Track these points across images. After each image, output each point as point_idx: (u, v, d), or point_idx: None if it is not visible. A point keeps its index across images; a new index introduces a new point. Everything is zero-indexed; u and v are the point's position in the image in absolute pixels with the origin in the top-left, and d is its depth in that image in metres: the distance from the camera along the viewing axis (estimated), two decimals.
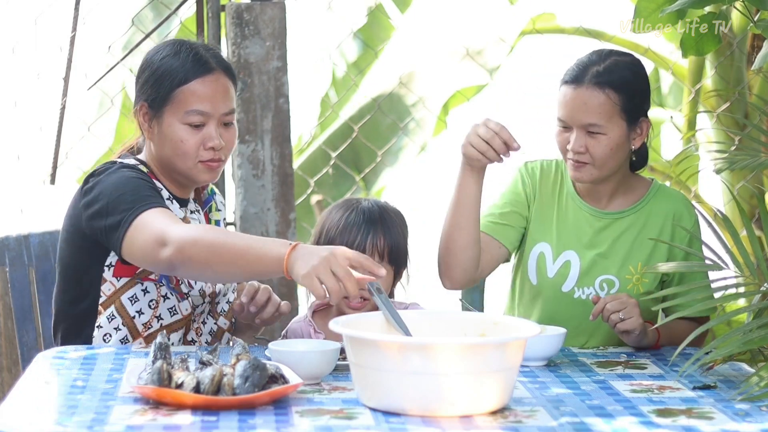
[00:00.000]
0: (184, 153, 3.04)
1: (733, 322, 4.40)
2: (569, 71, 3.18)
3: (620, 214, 3.23)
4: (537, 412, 2.48)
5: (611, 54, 3.19)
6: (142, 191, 2.97)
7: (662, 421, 2.43)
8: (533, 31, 5.62)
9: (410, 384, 2.41)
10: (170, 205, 3.06)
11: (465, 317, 2.78)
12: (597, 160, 3.14)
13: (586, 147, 3.13)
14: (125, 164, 3.07)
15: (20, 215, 4.93)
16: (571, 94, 3.14)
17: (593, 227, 3.23)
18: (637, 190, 3.26)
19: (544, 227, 3.25)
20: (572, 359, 2.99)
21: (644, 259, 3.20)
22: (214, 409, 2.44)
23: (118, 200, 2.95)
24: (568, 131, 3.15)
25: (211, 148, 3.04)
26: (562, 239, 3.23)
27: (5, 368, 3.50)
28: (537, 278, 3.25)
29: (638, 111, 3.17)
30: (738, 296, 2.84)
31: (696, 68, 5.29)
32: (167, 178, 3.12)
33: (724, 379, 2.77)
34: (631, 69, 3.17)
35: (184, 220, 3.10)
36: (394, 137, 5.77)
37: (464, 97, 5.88)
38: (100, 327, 3.07)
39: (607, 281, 3.20)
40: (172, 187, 3.13)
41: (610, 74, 3.13)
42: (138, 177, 3.01)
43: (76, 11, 4.44)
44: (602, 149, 3.13)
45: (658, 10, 3.10)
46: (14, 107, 5.04)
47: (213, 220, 3.25)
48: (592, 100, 3.12)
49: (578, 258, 3.22)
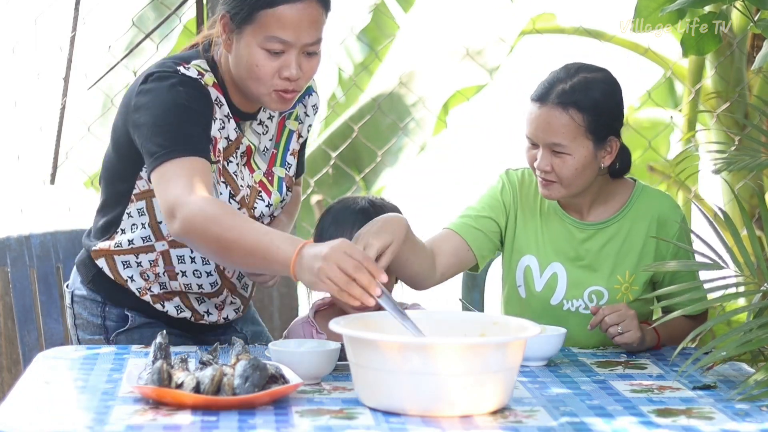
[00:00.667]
0: (258, 78, 2.89)
1: (733, 322, 4.40)
2: (537, 87, 3.11)
3: (603, 224, 3.18)
4: (537, 412, 2.48)
5: (580, 70, 3.10)
6: (186, 128, 2.86)
7: (662, 421, 2.43)
8: (533, 31, 5.62)
9: (410, 384, 2.41)
10: (226, 123, 2.97)
11: (465, 317, 2.78)
12: (563, 180, 3.08)
13: (551, 166, 3.07)
14: (186, 77, 2.93)
15: (20, 215, 4.93)
16: (536, 113, 3.07)
17: (577, 239, 3.18)
18: (619, 197, 3.21)
19: (529, 240, 3.21)
20: (572, 359, 2.99)
21: (632, 267, 3.16)
22: (214, 409, 2.44)
23: (160, 129, 2.87)
24: (536, 148, 3.10)
25: (287, 78, 2.89)
26: (548, 252, 3.19)
27: (5, 368, 3.51)
28: (525, 292, 3.21)
29: (606, 130, 3.08)
30: (738, 296, 2.84)
31: (696, 68, 5.29)
32: (236, 91, 2.99)
33: (724, 379, 2.77)
34: (600, 88, 3.08)
35: (236, 140, 3.00)
36: (394, 137, 5.77)
37: (464, 96, 5.88)
38: (130, 215, 3.05)
39: (595, 293, 3.17)
40: (239, 100, 3.00)
41: (575, 93, 3.05)
42: (190, 103, 2.90)
43: (76, 11, 4.44)
44: (568, 169, 3.07)
45: (659, 10, 3.10)
46: (14, 107, 5.04)
47: (287, 129, 3.14)
48: (555, 120, 3.05)
49: (565, 270, 3.18)
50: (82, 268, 3.17)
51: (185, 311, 3.12)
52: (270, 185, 3.10)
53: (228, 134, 3.00)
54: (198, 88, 2.94)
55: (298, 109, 3.16)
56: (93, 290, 3.14)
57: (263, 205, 3.07)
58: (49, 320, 3.52)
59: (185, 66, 2.96)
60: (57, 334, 3.51)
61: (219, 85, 2.99)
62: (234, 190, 3.01)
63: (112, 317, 3.14)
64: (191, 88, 2.93)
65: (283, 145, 3.15)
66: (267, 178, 3.10)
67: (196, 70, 2.97)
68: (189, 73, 2.95)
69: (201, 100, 2.94)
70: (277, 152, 3.14)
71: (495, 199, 3.23)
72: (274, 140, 3.13)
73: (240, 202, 3.02)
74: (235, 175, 3.02)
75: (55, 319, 3.52)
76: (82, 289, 3.16)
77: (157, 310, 3.12)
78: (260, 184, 3.08)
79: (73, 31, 4.43)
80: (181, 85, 2.92)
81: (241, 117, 3.04)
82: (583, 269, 3.17)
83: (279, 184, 3.12)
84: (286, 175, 3.14)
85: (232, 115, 3.00)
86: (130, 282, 3.09)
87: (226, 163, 3.00)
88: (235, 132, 3.01)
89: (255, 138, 3.08)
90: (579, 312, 3.16)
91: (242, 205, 3.03)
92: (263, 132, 3.10)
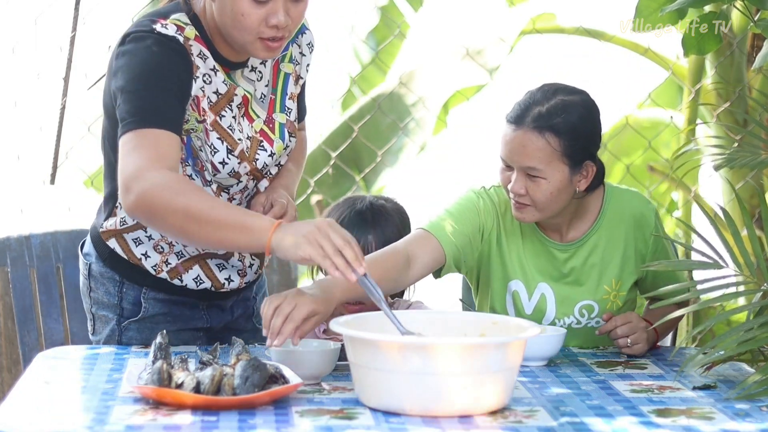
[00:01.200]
0: (244, 28, 2.81)
1: (733, 322, 4.40)
2: (513, 108, 3.04)
3: (582, 240, 3.15)
4: (537, 412, 2.48)
5: (558, 92, 3.03)
6: (157, 97, 2.81)
7: (662, 421, 2.43)
8: (533, 31, 5.61)
9: (410, 384, 2.41)
10: (213, 77, 2.90)
11: (465, 317, 2.78)
12: (537, 204, 3.03)
13: (526, 189, 3.02)
14: (161, 36, 2.85)
15: (20, 215, 4.93)
16: (511, 135, 3.01)
17: (559, 259, 3.15)
18: (593, 207, 3.16)
19: (513, 264, 3.16)
20: (572, 359, 2.99)
21: (616, 273, 3.15)
22: (214, 409, 2.44)
23: (130, 96, 2.82)
24: (510, 170, 3.04)
25: (275, 26, 2.80)
26: (533, 274, 3.15)
27: (5, 368, 3.50)
28: (515, 316, 3.15)
29: (582, 154, 3.02)
30: (737, 295, 2.84)
31: (696, 68, 5.28)
32: (222, 41, 2.91)
33: (724, 379, 2.77)
34: (577, 111, 3.01)
35: (228, 93, 2.92)
36: (394, 137, 5.77)
37: (464, 96, 5.88)
38: None
39: (585, 307, 3.15)
40: (226, 50, 2.92)
41: (552, 117, 2.98)
42: (163, 67, 2.83)
43: (76, 11, 4.44)
44: (542, 193, 3.01)
45: (659, 10, 3.09)
46: (14, 107, 5.04)
47: (282, 72, 3.05)
48: (530, 143, 2.99)
49: (552, 290, 3.15)
50: (98, 245, 3.10)
51: (204, 282, 3.08)
52: (271, 133, 3.02)
53: (216, 88, 2.92)
54: (173, 48, 2.86)
55: (292, 49, 3.06)
56: (110, 268, 3.09)
57: (265, 155, 3.00)
58: (49, 320, 3.52)
59: (162, 23, 2.88)
60: (57, 334, 3.51)
61: (202, 38, 2.91)
62: (231, 144, 2.94)
63: (129, 298, 3.09)
64: (166, 48, 2.86)
65: (281, 89, 3.06)
66: (268, 125, 3.02)
67: (174, 25, 2.89)
68: (165, 31, 2.87)
69: (176, 60, 2.86)
70: (275, 98, 3.05)
71: (473, 216, 3.15)
72: (270, 85, 3.04)
73: (239, 156, 2.95)
74: (231, 129, 2.94)
75: (55, 319, 3.52)
76: (100, 265, 3.10)
77: (175, 287, 3.07)
78: (261, 133, 3.01)
79: (73, 31, 4.43)
80: (156, 46, 2.85)
81: (230, 67, 2.96)
82: (570, 285, 3.15)
83: (281, 130, 3.04)
84: (287, 120, 3.06)
85: (220, 67, 2.93)
86: (145, 260, 3.04)
87: (219, 118, 2.93)
88: (225, 84, 2.94)
89: (249, 86, 3.00)
90: (572, 328, 3.15)
91: (242, 159, 2.95)
92: (258, 78, 3.01)
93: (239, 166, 2.96)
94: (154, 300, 3.10)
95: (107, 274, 3.10)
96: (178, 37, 2.87)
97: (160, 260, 3.05)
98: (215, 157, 2.93)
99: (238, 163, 2.96)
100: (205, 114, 2.92)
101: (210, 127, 2.92)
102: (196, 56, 2.90)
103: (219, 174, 2.95)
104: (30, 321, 3.51)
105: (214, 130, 2.93)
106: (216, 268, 3.09)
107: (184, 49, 2.87)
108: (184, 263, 3.06)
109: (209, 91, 2.92)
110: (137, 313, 3.10)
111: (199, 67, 2.90)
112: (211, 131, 2.93)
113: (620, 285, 3.15)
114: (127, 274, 3.09)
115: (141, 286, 3.09)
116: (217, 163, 2.93)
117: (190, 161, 2.96)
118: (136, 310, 3.10)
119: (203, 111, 2.91)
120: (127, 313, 3.11)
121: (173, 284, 3.08)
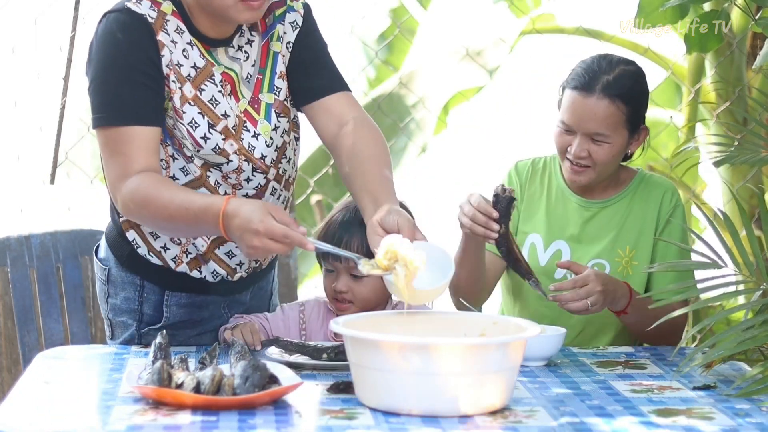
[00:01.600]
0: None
1: (732, 321, 4.40)
2: (577, 76, 3.20)
3: (606, 202, 3.30)
4: (537, 412, 2.48)
5: (620, 63, 3.21)
6: (121, 89, 2.83)
7: (662, 421, 2.43)
8: (533, 31, 5.62)
9: (410, 384, 2.41)
10: (189, 51, 2.89)
11: (465, 317, 2.78)
12: (598, 165, 3.21)
13: (588, 152, 3.19)
14: (130, 15, 2.84)
15: (20, 215, 4.93)
16: (580, 102, 3.17)
17: (582, 217, 3.29)
18: (624, 178, 3.34)
19: (534, 220, 3.31)
20: (572, 359, 2.99)
21: (632, 243, 3.27)
22: (214, 409, 2.44)
23: (96, 89, 2.87)
24: (571, 135, 3.20)
25: None
26: (552, 230, 3.30)
27: (5, 368, 3.51)
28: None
29: (640, 120, 3.23)
30: (736, 294, 2.84)
31: (696, 68, 5.29)
32: (202, 15, 2.88)
33: (724, 378, 2.77)
34: (637, 80, 3.21)
35: (205, 69, 2.90)
36: (395, 137, 5.77)
37: (464, 97, 5.88)
38: None
39: (597, 265, 3.26)
40: (207, 25, 2.89)
41: (621, 86, 3.17)
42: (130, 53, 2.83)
43: (76, 11, 4.44)
44: (605, 155, 3.19)
45: (661, 7, 3.10)
46: (14, 107, 5.04)
47: (272, 51, 3.00)
48: (601, 110, 3.16)
49: (568, 248, 3.28)
50: (116, 246, 3.10)
51: (221, 273, 3.08)
52: (256, 113, 2.98)
53: (194, 62, 2.91)
54: (138, 27, 2.85)
55: (279, 28, 3.01)
56: (130, 271, 3.09)
57: (249, 136, 2.96)
58: (49, 320, 3.52)
59: (128, 3, 2.87)
60: (57, 334, 3.52)
61: (179, 13, 2.90)
62: (212, 119, 2.91)
63: (150, 302, 3.09)
64: (132, 30, 2.84)
65: (270, 69, 3.01)
66: (253, 106, 2.98)
67: (149, 1, 2.88)
68: (137, 9, 2.86)
69: (145, 42, 2.85)
70: (263, 77, 3.01)
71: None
72: (258, 65, 3.00)
73: (223, 131, 2.92)
74: (213, 103, 2.92)
75: (55, 319, 3.52)
76: (120, 269, 3.10)
77: (196, 282, 3.07)
78: (245, 113, 2.97)
79: (73, 31, 4.43)
80: (121, 32, 2.85)
81: (211, 44, 2.93)
82: (586, 243, 3.28)
83: (267, 110, 3.00)
84: (276, 100, 3.01)
85: (197, 42, 2.90)
86: (165, 252, 3.04)
87: (199, 92, 2.91)
88: (202, 59, 2.91)
89: (234, 64, 2.96)
90: None
91: (227, 136, 2.92)
92: (244, 58, 2.98)
93: (224, 143, 2.93)
94: (176, 306, 3.10)
95: (127, 278, 3.10)
96: (149, 13, 2.86)
97: (179, 252, 3.05)
98: (196, 131, 2.91)
99: (223, 140, 2.93)
100: (174, 91, 2.89)
101: (191, 102, 2.90)
102: (173, 31, 2.88)
103: (202, 149, 2.92)
104: (30, 321, 3.51)
105: (195, 104, 2.91)
106: (226, 257, 3.09)
107: (150, 28, 2.86)
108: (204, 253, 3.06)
109: (188, 65, 2.90)
110: (158, 320, 3.10)
111: (176, 42, 2.88)
112: (192, 106, 2.90)
113: (633, 255, 3.26)
114: (147, 275, 3.08)
115: (162, 290, 3.09)
116: (198, 138, 2.91)
117: (168, 140, 2.94)
118: (157, 316, 3.10)
119: (172, 87, 2.89)
120: (147, 319, 3.10)
121: (193, 278, 3.07)
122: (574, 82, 3.20)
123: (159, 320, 3.09)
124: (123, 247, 3.08)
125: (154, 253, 3.05)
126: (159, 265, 3.06)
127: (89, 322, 3.57)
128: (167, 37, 2.87)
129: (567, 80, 3.23)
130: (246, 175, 2.99)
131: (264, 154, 2.99)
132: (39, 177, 4.69)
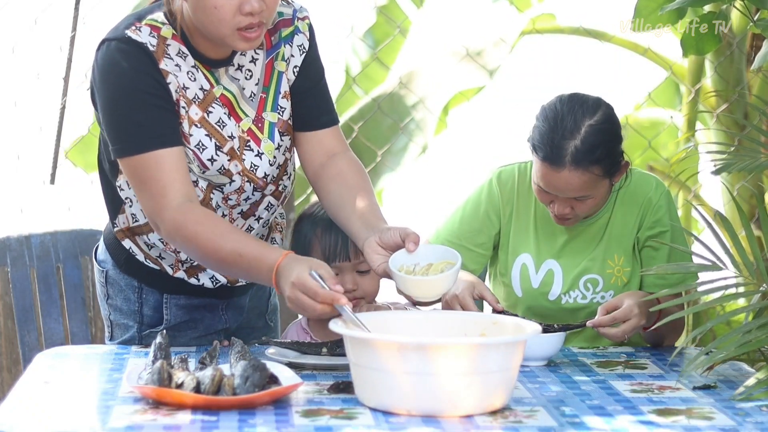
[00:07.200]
0: (219, 20, 2.75)
1: (733, 323, 4.40)
2: (542, 144, 3.02)
3: (593, 218, 3.21)
4: (537, 412, 2.48)
5: (585, 116, 3.03)
6: (135, 116, 2.81)
7: (662, 421, 2.43)
8: (533, 31, 5.61)
9: (410, 384, 2.41)
10: (195, 74, 2.87)
11: (465, 317, 2.78)
12: (582, 215, 3.13)
13: (571, 208, 3.10)
14: (129, 47, 2.82)
15: (20, 215, 4.93)
16: (553, 175, 3.03)
17: (569, 234, 3.21)
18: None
19: (523, 238, 3.23)
20: (572, 359, 2.99)
21: (620, 250, 3.20)
22: (214, 409, 2.44)
23: (110, 119, 2.85)
24: (550, 195, 3.09)
25: (249, 13, 2.74)
26: (542, 249, 3.22)
27: (5, 368, 3.51)
28: (522, 290, 3.23)
29: (619, 160, 3.10)
30: (737, 296, 2.84)
31: (696, 68, 5.29)
32: (201, 38, 2.86)
33: (724, 379, 2.77)
34: (609, 132, 3.05)
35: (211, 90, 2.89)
36: (395, 138, 5.77)
37: (464, 97, 5.88)
38: (121, 188, 2.99)
39: (591, 281, 3.20)
40: (207, 47, 2.87)
41: (591, 151, 3.01)
42: (138, 79, 2.81)
43: (76, 11, 4.44)
44: (588, 207, 3.11)
45: (659, 9, 3.10)
46: (14, 107, 5.04)
47: (276, 71, 2.98)
48: (576, 180, 3.03)
49: (560, 266, 3.21)
50: (113, 250, 3.09)
51: (220, 280, 3.07)
52: (260, 132, 2.96)
53: (201, 85, 2.90)
54: (139, 56, 2.83)
55: (286, 50, 2.98)
56: (128, 275, 3.08)
57: (252, 155, 2.95)
58: (49, 320, 3.52)
59: (136, 26, 2.85)
60: (57, 334, 3.52)
61: (179, 37, 2.88)
62: (219, 141, 2.91)
63: (149, 303, 3.09)
64: (134, 57, 2.83)
65: (274, 88, 2.99)
66: (256, 125, 2.97)
67: (148, 27, 2.86)
68: (136, 37, 2.84)
69: (150, 65, 2.83)
70: (267, 96, 2.99)
71: (479, 210, 3.25)
72: (262, 84, 2.98)
73: (229, 153, 2.92)
74: (220, 126, 2.91)
75: (55, 319, 3.52)
76: (117, 272, 3.10)
77: (193, 286, 3.06)
78: (248, 132, 2.96)
79: (73, 31, 4.43)
80: (126, 60, 2.83)
81: (211, 64, 2.92)
82: (577, 261, 3.21)
83: (270, 129, 2.98)
84: (279, 119, 2.99)
85: (200, 64, 2.89)
86: (161, 260, 3.04)
87: (206, 114, 2.90)
88: (207, 81, 2.91)
89: (232, 85, 2.94)
90: (577, 302, 3.20)
91: (232, 157, 2.92)
92: (247, 77, 2.96)
93: (230, 164, 2.93)
94: (176, 307, 3.09)
95: (125, 281, 3.09)
96: (150, 41, 2.85)
97: (175, 259, 3.04)
98: (203, 153, 2.90)
99: (228, 161, 2.93)
100: (183, 117, 2.88)
101: (198, 124, 2.89)
102: (175, 55, 2.87)
103: (208, 171, 2.92)
104: (30, 321, 3.51)
105: (202, 126, 2.90)
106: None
107: (153, 57, 2.84)
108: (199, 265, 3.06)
109: (195, 88, 2.89)
110: (158, 321, 3.09)
111: (180, 66, 2.87)
112: (199, 128, 2.90)
113: (623, 261, 3.20)
114: (145, 279, 3.07)
115: (161, 293, 3.08)
116: (205, 160, 2.90)
117: None
118: (158, 317, 3.09)
119: (182, 113, 2.88)
120: (147, 320, 3.10)
121: (192, 284, 3.07)
122: (541, 151, 3.02)
123: (160, 322, 3.09)
124: (120, 252, 3.08)
125: (151, 260, 3.05)
126: (157, 269, 3.06)
127: (89, 322, 3.57)
128: (171, 63, 2.87)
129: (533, 140, 3.05)
130: (246, 195, 3.00)
131: (267, 173, 3.00)
132: (39, 177, 4.69)
